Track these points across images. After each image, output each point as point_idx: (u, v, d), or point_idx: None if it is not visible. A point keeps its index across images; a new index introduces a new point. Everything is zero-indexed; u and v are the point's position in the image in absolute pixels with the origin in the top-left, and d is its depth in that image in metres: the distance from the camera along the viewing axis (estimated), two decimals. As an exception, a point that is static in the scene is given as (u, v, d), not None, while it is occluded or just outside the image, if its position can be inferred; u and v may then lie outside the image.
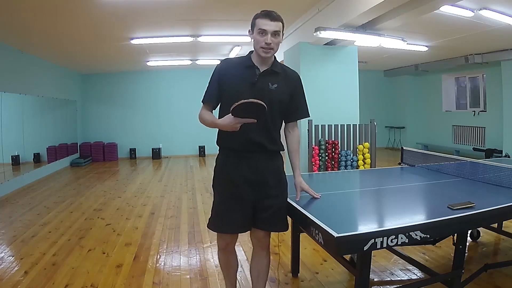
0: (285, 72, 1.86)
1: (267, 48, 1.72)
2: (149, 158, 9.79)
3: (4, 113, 5.71)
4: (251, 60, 1.81)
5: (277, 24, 1.73)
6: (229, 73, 1.80)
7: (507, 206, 1.81)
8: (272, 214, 1.81)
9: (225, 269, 2.02)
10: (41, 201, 5.10)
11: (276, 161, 1.88)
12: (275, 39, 1.73)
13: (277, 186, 1.84)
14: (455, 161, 2.92)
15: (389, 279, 2.51)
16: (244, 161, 1.80)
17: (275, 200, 1.82)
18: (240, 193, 1.79)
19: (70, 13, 4.42)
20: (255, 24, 1.74)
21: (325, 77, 4.95)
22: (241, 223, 1.81)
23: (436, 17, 4.54)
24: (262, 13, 1.74)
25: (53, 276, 2.64)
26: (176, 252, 3.11)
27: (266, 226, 1.85)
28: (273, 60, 1.83)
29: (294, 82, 1.88)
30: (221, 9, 4.51)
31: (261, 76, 1.78)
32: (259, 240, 1.91)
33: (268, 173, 1.82)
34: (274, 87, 1.78)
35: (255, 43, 1.75)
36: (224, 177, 1.84)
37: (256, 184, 1.80)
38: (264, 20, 1.71)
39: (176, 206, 4.65)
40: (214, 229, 1.87)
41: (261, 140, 1.78)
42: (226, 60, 1.87)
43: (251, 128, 1.70)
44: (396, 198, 2.15)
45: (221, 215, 1.83)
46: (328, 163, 4.61)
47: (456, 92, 9.58)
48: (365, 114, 5.74)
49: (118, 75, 9.67)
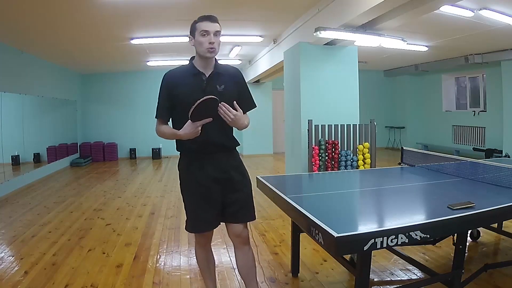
0: (227, 71, 1.93)
1: (211, 47, 1.78)
2: (149, 158, 9.80)
3: (4, 113, 5.71)
4: (195, 67, 1.86)
5: (217, 25, 1.81)
6: (178, 85, 1.84)
7: (507, 206, 1.80)
8: (240, 206, 1.91)
9: (206, 265, 2.09)
10: (41, 201, 5.11)
11: (235, 156, 1.98)
12: (217, 39, 1.80)
13: (241, 179, 1.94)
14: (455, 161, 2.92)
15: (389, 279, 2.51)
16: (208, 161, 1.88)
17: (241, 193, 1.92)
18: (209, 192, 1.87)
19: (70, 13, 4.42)
20: (196, 28, 1.81)
21: (325, 77, 4.95)
22: (215, 219, 1.91)
23: (436, 17, 4.54)
24: (201, 18, 1.82)
25: (53, 276, 2.64)
26: (176, 252, 3.11)
27: (238, 218, 1.93)
28: (215, 62, 1.89)
29: (238, 79, 1.95)
30: (221, 9, 4.51)
31: (208, 81, 1.84)
32: (238, 235, 1.95)
33: (232, 169, 1.92)
34: (222, 88, 1.85)
35: (198, 46, 1.81)
36: (191, 180, 1.91)
37: (223, 181, 1.89)
38: (205, 22, 1.79)
39: (176, 206, 4.66)
40: (193, 230, 1.96)
41: (220, 140, 1.88)
42: (170, 73, 1.90)
43: (209, 131, 1.80)
44: (396, 198, 2.15)
45: (195, 216, 1.91)
46: (328, 163, 4.61)
47: (456, 92, 9.58)
48: (365, 114, 5.74)
49: (118, 75, 9.67)
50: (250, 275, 2.00)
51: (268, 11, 4.67)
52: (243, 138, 9.78)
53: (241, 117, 1.81)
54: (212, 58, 1.84)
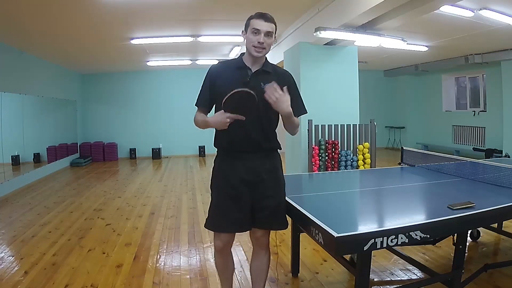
0: (276, 71, 1.90)
1: (260, 47, 1.76)
2: (149, 158, 9.79)
3: (4, 113, 5.71)
4: (242, 62, 1.85)
5: (270, 25, 1.78)
6: (221, 76, 1.83)
7: (507, 206, 1.81)
8: (269, 213, 1.83)
9: (222, 272, 2.02)
10: (41, 201, 5.10)
11: (272, 159, 1.89)
12: (267, 40, 1.77)
13: (273, 185, 1.86)
14: (455, 161, 2.92)
15: (389, 279, 2.51)
16: (240, 161, 1.82)
17: (272, 200, 1.83)
18: (237, 193, 1.81)
19: (70, 13, 4.42)
20: (249, 25, 1.79)
21: (325, 77, 4.95)
22: (239, 223, 1.82)
23: (436, 17, 4.53)
24: (256, 14, 1.80)
25: (53, 276, 2.64)
26: (176, 252, 3.11)
27: (264, 225, 1.87)
28: (265, 60, 1.87)
29: (286, 81, 1.86)
30: (221, 9, 4.51)
31: (253, 76, 1.81)
32: (257, 239, 1.93)
33: (264, 172, 1.83)
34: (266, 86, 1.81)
35: (247, 43, 1.79)
36: (221, 178, 1.86)
37: (252, 184, 1.81)
38: (258, 20, 1.76)
39: (176, 206, 4.65)
40: (212, 228, 1.88)
41: (256, 139, 1.81)
42: (218, 64, 1.91)
43: (246, 127, 1.75)
44: (396, 198, 2.15)
45: (218, 214, 1.85)
46: (328, 163, 4.61)
47: (456, 92, 9.58)
48: (365, 114, 5.74)
49: (118, 75, 9.67)
50: (260, 277, 1.99)
51: (268, 11, 4.64)
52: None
53: (288, 106, 1.70)
54: (260, 57, 1.80)
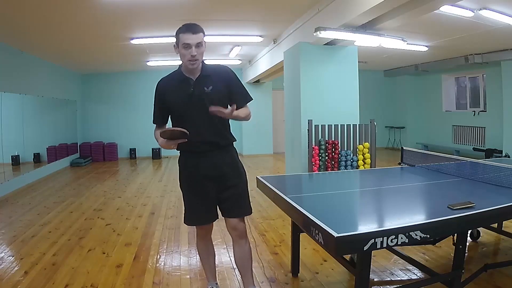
0: (215, 71, 1.98)
1: (193, 60, 1.85)
2: (149, 158, 9.79)
3: (4, 113, 5.71)
4: (183, 74, 1.95)
5: (199, 36, 1.85)
6: (168, 91, 1.96)
7: (507, 206, 1.80)
8: (234, 201, 2.01)
9: (205, 257, 2.21)
10: (41, 201, 5.11)
11: (231, 153, 2.05)
12: (199, 50, 1.85)
13: (235, 175, 2.03)
14: (455, 161, 2.93)
15: (389, 279, 2.51)
16: (202, 160, 1.97)
17: (235, 188, 2.01)
18: (203, 189, 1.99)
19: (70, 13, 4.42)
20: (179, 39, 1.87)
21: (325, 77, 4.94)
22: (210, 215, 2.04)
23: (436, 17, 4.54)
24: (184, 28, 1.87)
25: (53, 276, 2.64)
26: (176, 252, 3.11)
27: (232, 213, 2.03)
28: (201, 65, 1.94)
29: (225, 76, 1.98)
30: (221, 9, 4.51)
31: (195, 85, 1.91)
32: (234, 228, 2.05)
33: (226, 166, 2.00)
34: (210, 89, 1.91)
35: (181, 57, 1.88)
36: (187, 177, 2.04)
37: (216, 179, 1.98)
38: (187, 35, 1.83)
39: (176, 206, 4.66)
40: (189, 223, 2.09)
41: (214, 140, 1.96)
42: (162, 81, 2.02)
43: (203, 132, 1.91)
44: (396, 198, 2.15)
45: (191, 210, 2.06)
46: (328, 163, 4.61)
47: (456, 92, 9.58)
48: (365, 114, 5.73)
49: (118, 75, 9.67)
50: (246, 267, 2.10)
51: (268, 11, 4.67)
52: (243, 138, 9.79)
53: (239, 112, 1.89)
54: (196, 67, 1.89)
